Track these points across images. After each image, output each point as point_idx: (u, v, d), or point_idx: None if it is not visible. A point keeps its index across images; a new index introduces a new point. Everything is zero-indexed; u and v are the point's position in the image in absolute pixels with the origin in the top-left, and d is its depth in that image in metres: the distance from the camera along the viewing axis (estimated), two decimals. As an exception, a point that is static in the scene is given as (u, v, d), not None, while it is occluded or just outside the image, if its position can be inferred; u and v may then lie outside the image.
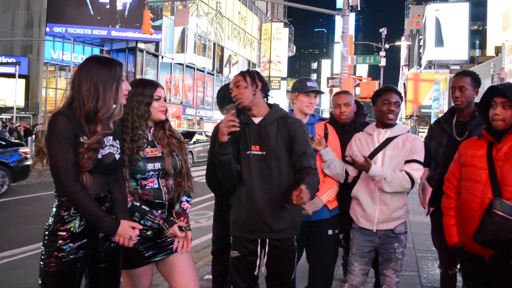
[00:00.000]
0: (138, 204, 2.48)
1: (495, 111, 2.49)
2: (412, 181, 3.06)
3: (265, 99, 2.81)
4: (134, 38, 34.41)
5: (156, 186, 2.57)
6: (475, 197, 2.48)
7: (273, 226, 2.68)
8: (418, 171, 3.10)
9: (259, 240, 2.71)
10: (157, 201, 2.56)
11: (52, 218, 2.25)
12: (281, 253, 2.73)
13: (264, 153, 2.69)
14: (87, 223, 2.25)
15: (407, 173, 3.04)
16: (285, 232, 2.72)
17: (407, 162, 3.09)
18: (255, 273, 2.76)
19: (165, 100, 2.68)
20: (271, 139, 2.69)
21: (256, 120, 2.75)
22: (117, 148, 2.34)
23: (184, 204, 2.66)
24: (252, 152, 2.70)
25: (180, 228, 2.53)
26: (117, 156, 2.33)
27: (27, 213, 8.38)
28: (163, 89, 2.68)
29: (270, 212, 2.67)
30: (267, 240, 2.71)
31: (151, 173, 2.54)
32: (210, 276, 3.77)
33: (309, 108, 3.30)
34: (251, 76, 2.74)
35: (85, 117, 2.22)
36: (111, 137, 2.32)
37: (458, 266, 3.44)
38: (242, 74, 2.77)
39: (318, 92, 3.36)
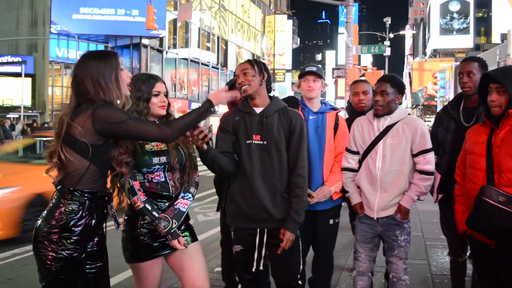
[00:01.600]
0: (150, 208, 2.49)
1: (491, 97, 2.47)
2: (431, 173, 3.07)
3: (268, 91, 2.82)
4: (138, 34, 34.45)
5: (163, 179, 2.58)
6: (476, 184, 2.46)
7: (275, 215, 2.69)
8: (431, 159, 3.10)
9: (258, 230, 2.72)
10: (164, 193, 2.58)
11: (63, 214, 2.17)
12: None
13: (265, 142, 2.70)
14: (98, 218, 2.26)
15: (421, 172, 3.06)
16: None
17: (418, 154, 3.07)
18: (260, 267, 2.76)
19: (166, 95, 2.68)
20: (273, 129, 2.71)
21: (258, 110, 2.75)
22: None
23: (179, 201, 2.60)
24: (254, 141, 2.71)
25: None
26: None
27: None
28: (164, 83, 2.67)
29: (271, 201, 2.69)
30: (265, 230, 2.72)
31: (157, 166, 2.55)
32: (220, 269, 3.80)
33: (309, 91, 3.27)
34: (259, 65, 2.76)
35: None
36: None
37: (468, 254, 3.44)
38: (250, 62, 2.78)
39: (314, 74, 3.28)
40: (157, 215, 2.49)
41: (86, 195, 2.20)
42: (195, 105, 40.66)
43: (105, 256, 2.39)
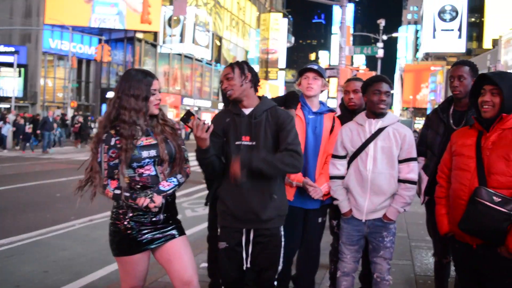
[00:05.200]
0: (119, 191, 2.51)
1: (484, 98, 2.51)
2: (414, 182, 3.12)
3: (255, 90, 2.81)
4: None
5: (154, 173, 2.59)
6: (463, 186, 2.50)
7: (261, 216, 2.71)
8: (416, 168, 3.15)
9: (244, 230, 2.74)
10: (155, 185, 2.58)
11: None
12: (268, 242, 2.76)
13: (254, 143, 2.71)
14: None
15: (405, 181, 3.10)
16: (272, 222, 2.76)
17: (403, 161, 3.11)
18: (248, 265, 2.78)
19: (160, 92, 2.69)
20: (261, 130, 2.72)
21: (247, 111, 2.76)
22: None
23: (162, 183, 2.59)
24: (243, 142, 2.72)
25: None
26: None
27: (25, 202, 8.41)
28: (158, 80, 2.67)
29: (258, 202, 2.69)
30: (252, 230, 2.74)
31: (147, 160, 2.56)
32: (206, 265, 3.81)
33: (308, 89, 3.27)
34: (240, 67, 2.76)
35: None
36: None
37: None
38: (231, 66, 2.78)
39: (314, 71, 3.28)
40: (128, 194, 2.51)
41: None
42: (187, 101, 40.60)
43: None
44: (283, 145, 2.68)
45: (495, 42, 45.67)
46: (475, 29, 72.10)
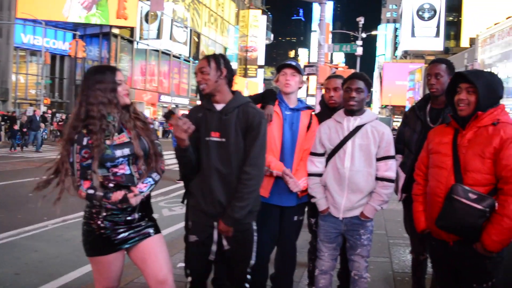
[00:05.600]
0: (92, 191, 2.45)
1: (460, 96, 2.53)
2: (392, 180, 3.10)
3: (230, 86, 2.77)
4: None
5: (128, 172, 2.54)
6: (440, 183, 2.53)
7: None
8: (394, 166, 3.13)
9: (215, 224, 2.73)
10: (129, 184, 2.53)
11: None
12: (239, 236, 2.75)
13: (224, 140, 2.68)
14: None
15: (383, 179, 3.07)
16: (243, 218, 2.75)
17: (381, 159, 3.09)
18: (210, 258, 2.79)
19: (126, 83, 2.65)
20: (231, 127, 2.68)
21: (218, 107, 2.73)
22: None
23: (138, 185, 2.55)
24: (212, 138, 2.69)
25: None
26: None
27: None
28: (120, 71, 2.64)
29: (228, 198, 2.68)
30: None
31: (121, 159, 2.50)
32: (183, 264, 3.74)
33: (286, 86, 3.25)
34: (217, 62, 2.70)
35: None
36: None
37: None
38: (207, 58, 2.72)
39: (292, 67, 3.26)
40: (102, 193, 2.45)
41: None
42: (164, 98, 40.24)
43: None
44: (246, 160, 2.65)
45: (472, 41, 46.70)
46: (453, 28, 73.55)
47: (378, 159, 3.11)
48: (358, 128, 3.11)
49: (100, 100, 2.47)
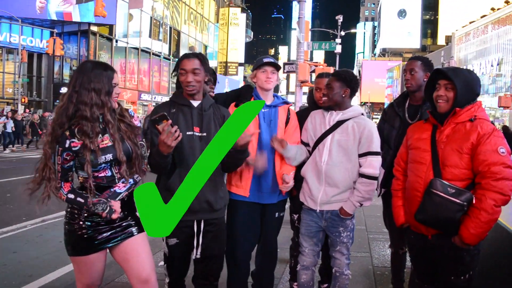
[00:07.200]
0: (73, 196, 2.44)
1: (438, 93, 2.59)
2: (372, 178, 3.05)
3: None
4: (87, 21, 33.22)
5: (109, 174, 2.51)
6: (419, 178, 2.58)
7: (215, 206, 2.79)
8: (375, 163, 3.07)
9: (195, 221, 2.76)
10: (110, 185, 2.51)
11: None
12: (217, 230, 2.84)
13: (205, 134, 2.75)
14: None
15: (363, 175, 3.05)
16: (221, 211, 2.87)
17: (363, 155, 3.08)
18: (193, 256, 2.81)
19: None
20: (211, 122, 2.81)
21: (195, 103, 2.81)
22: None
23: (117, 185, 2.54)
24: (195, 133, 2.75)
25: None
26: None
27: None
28: (117, 73, 2.59)
29: (212, 192, 2.75)
30: (202, 220, 2.78)
31: (103, 165, 2.47)
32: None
33: (267, 82, 3.23)
34: (204, 63, 2.79)
35: None
36: None
37: (408, 246, 3.57)
38: (198, 59, 2.77)
39: (273, 65, 3.26)
40: (82, 200, 2.43)
41: None
42: (145, 96, 39.86)
43: None
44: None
45: (449, 39, 47.47)
46: (430, 26, 74.61)
47: (360, 155, 3.11)
48: (339, 123, 3.14)
49: (95, 101, 2.41)
